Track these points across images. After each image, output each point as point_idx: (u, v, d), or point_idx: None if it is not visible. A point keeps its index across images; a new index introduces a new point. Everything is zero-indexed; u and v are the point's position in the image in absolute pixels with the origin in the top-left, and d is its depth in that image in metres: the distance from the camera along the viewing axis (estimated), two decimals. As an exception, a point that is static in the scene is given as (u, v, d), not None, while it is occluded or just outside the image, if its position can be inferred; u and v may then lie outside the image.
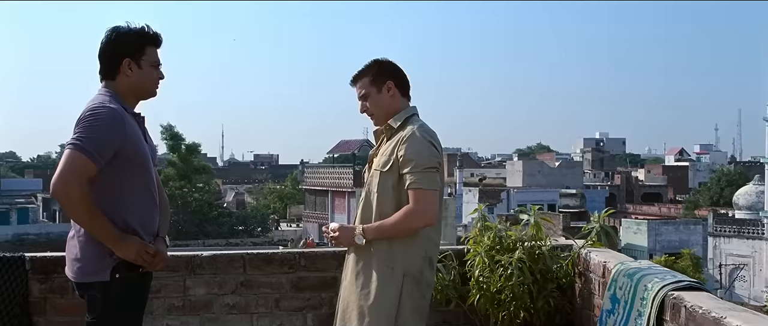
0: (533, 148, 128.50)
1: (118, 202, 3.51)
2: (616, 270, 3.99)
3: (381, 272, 3.74)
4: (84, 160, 3.36)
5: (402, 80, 4.00)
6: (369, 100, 3.96)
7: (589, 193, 68.68)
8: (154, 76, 3.68)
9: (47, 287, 4.73)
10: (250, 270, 4.94)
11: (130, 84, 3.61)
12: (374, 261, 3.77)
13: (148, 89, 3.69)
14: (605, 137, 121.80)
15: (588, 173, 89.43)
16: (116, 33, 3.61)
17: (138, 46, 3.60)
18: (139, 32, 3.62)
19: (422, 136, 3.78)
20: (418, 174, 3.72)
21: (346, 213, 58.35)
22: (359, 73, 4.01)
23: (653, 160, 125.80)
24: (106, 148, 3.41)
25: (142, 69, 3.61)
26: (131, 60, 3.58)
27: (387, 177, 3.82)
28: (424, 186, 3.72)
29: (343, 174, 60.26)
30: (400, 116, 3.92)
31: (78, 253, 3.56)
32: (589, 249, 4.77)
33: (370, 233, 3.78)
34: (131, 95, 3.65)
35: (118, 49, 3.59)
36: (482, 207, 5.14)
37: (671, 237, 46.77)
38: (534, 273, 4.74)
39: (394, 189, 3.80)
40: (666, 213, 64.83)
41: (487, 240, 4.89)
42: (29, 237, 58.48)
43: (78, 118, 3.49)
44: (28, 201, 66.60)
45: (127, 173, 3.53)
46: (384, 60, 4.02)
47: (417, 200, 3.72)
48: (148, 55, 3.63)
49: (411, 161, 3.73)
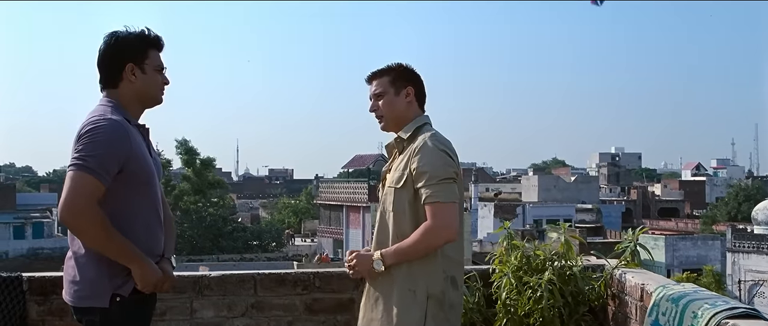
0: (548, 163, 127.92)
1: (121, 222, 3.26)
2: (658, 295, 3.68)
3: (402, 295, 3.48)
4: (91, 181, 3.15)
5: (421, 89, 3.79)
6: (383, 100, 3.73)
7: (605, 208, 68.29)
8: (159, 81, 3.46)
9: (45, 309, 4.46)
10: (262, 291, 4.65)
11: (134, 90, 3.40)
12: (395, 284, 3.51)
13: (153, 95, 3.47)
14: (621, 152, 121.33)
15: (604, 188, 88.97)
16: (116, 38, 3.39)
17: (140, 49, 3.39)
18: (140, 35, 3.41)
19: (435, 146, 3.54)
20: (434, 186, 3.47)
21: (361, 227, 58.19)
22: (379, 71, 3.78)
23: (669, 174, 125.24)
24: (111, 164, 3.20)
25: (146, 74, 3.40)
26: (134, 65, 3.37)
27: (402, 194, 3.57)
28: (441, 199, 3.46)
29: (358, 189, 60.10)
30: (410, 127, 3.69)
31: (76, 275, 3.32)
32: (624, 270, 4.45)
33: (388, 258, 3.52)
34: (136, 103, 3.44)
35: (120, 54, 3.37)
36: (508, 225, 4.85)
37: (689, 253, 46.35)
38: (565, 295, 4.43)
39: (410, 206, 3.55)
40: (683, 229, 64.28)
41: (514, 259, 4.59)
42: (44, 251, 58.60)
43: (78, 132, 3.27)
44: (43, 215, 66.71)
45: (131, 190, 3.31)
46: (409, 66, 3.79)
47: (435, 215, 3.46)
48: (152, 58, 3.41)
49: (425, 173, 3.48)
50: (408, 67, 3.77)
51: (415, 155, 3.53)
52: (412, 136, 3.66)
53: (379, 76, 3.76)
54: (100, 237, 3.18)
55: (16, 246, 58.74)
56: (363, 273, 3.63)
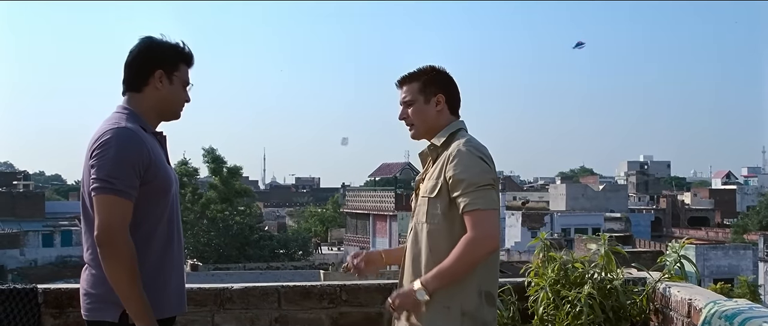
0: (576, 171, 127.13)
1: (137, 237, 3.12)
2: (710, 311, 3.43)
3: (436, 312, 3.26)
4: (122, 203, 3.05)
5: (453, 95, 3.57)
6: (413, 108, 3.53)
7: (634, 217, 67.75)
8: (183, 97, 3.38)
9: (61, 322, 4.29)
10: (286, 304, 4.46)
11: (157, 99, 3.29)
12: (428, 301, 3.26)
13: (174, 109, 3.38)
14: (649, 160, 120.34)
15: (632, 197, 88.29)
16: (151, 42, 3.31)
17: (173, 60, 3.32)
18: (175, 46, 3.34)
19: (471, 152, 3.33)
20: (472, 194, 3.25)
21: (388, 236, 58.08)
22: (409, 76, 3.56)
23: (699, 183, 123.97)
24: (134, 179, 3.09)
25: (172, 85, 3.31)
26: (164, 72, 3.28)
27: (436, 204, 3.36)
28: (481, 206, 3.24)
29: (385, 198, 60.03)
30: (444, 133, 3.48)
31: (89, 288, 3.20)
32: (668, 284, 4.22)
33: (431, 284, 3.25)
34: (155, 113, 3.33)
35: (152, 59, 3.29)
36: (544, 235, 4.62)
37: (720, 263, 45.76)
38: (605, 310, 4.20)
39: (444, 217, 3.33)
40: (714, 238, 63.58)
41: (551, 272, 4.37)
42: (73, 259, 58.95)
43: (94, 142, 3.14)
44: (71, 223, 67.18)
45: (149, 202, 3.18)
46: (440, 68, 3.57)
47: (476, 224, 3.23)
48: (181, 71, 3.34)
49: (462, 181, 3.27)
50: (439, 70, 3.57)
51: (450, 162, 3.33)
52: (445, 142, 3.46)
53: (409, 81, 3.56)
54: (123, 270, 3.04)
55: (45, 253, 59.16)
56: (409, 309, 3.32)
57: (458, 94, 3.60)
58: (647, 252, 32.22)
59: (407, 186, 64.39)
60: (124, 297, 3.05)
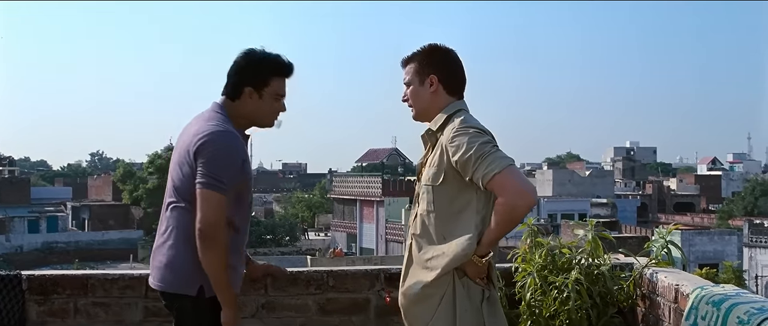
0: (563, 157, 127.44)
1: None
2: (696, 296, 3.43)
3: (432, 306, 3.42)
4: (223, 200, 3.33)
5: (451, 75, 3.51)
6: (410, 90, 3.52)
7: (620, 203, 68.04)
8: (274, 109, 3.59)
9: (46, 309, 4.24)
10: (273, 291, 4.42)
11: (248, 111, 3.54)
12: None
13: (263, 121, 3.61)
14: (636, 146, 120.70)
15: (619, 182, 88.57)
16: (248, 57, 3.53)
17: (263, 76, 3.52)
18: (266, 61, 3.53)
19: (464, 129, 3.31)
20: (481, 165, 3.22)
21: (375, 221, 58.08)
22: (411, 56, 3.55)
23: (685, 169, 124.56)
24: (236, 179, 3.40)
25: (262, 100, 3.53)
26: (253, 89, 3.50)
27: (442, 192, 3.37)
28: (495, 169, 3.20)
29: (372, 183, 59.98)
30: (440, 117, 3.45)
31: (169, 262, 3.46)
32: (655, 269, 4.21)
33: (484, 250, 3.34)
34: (246, 121, 3.58)
35: (244, 76, 3.52)
36: (532, 221, 4.60)
37: (706, 248, 46.03)
38: (593, 296, 4.19)
39: (451, 203, 3.35)
40: (699, 223, 63.89)
41: (539, 258, 4.35)
42: (58, 245, 58.85)
43: (199, 139, 3.37)
44: (57, 209, 66.96)
45: (235, 202, 3.46)
46: (439, 48, 3.53)
47: (500, 189, 3.22)
48: (272, 86, 3.53)
49: (468, 161, 3.25)
50: (437, 50, 3.52)
51: (450, 148, 3.32)
52: (442, 126, 3.43)
53: (409, 62, 3.55)
54: (220, 262, 3.33)
55: (31, 240, 59.02)
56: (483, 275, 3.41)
57: (458, 73, 3.55)
58: (633, 238, 32.39)
59: (394, 172, 64.42)
60: (217, 285, 3.35)
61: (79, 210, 71.47)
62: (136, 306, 4.28)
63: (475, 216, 3.35)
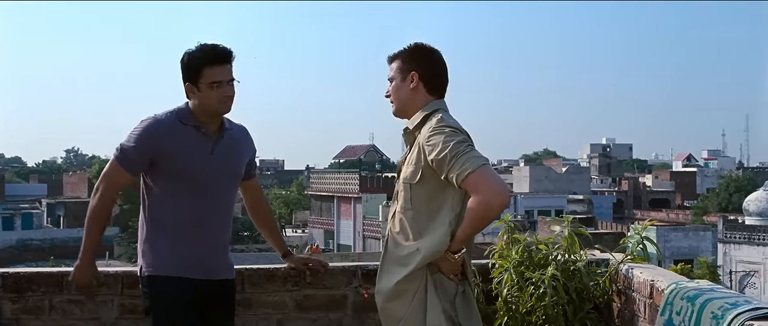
0: (540, 154, 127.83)
1: (153, 217, 3.74)
2: (671, 292, 3.46)
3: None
4: (114, 166, 3.71)
5: (432, 74, 3.55)
6: (392, 85, 3.57)
7: (596, 199, 68.35)
8: (213, 96, 3.70)
9: (20, 307, 4.21)
10: (250, 287, 4.42)
11: (197, 105, 3.73)
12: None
13: (211, 109, 3.73)
14: (612, 143, 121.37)
15: (595, 179, 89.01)
16: (181, 60, 3.73)
17: (195, 70, 3.69)
18: (195, 55, 3.71)
19: (440, 128, 3.34)
20: (456, 164, 3.26)
21: (352, 218, 58.02)
22: (397, 53, 3.60)
23: (660, 165, 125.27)
24: (136, 155, 3.66)
25: (201, 91, 3.69)
26: (191, 84, 3.70)
27: (419, 190, 3.41)
28: (469, 168, 3.23)
29: (349, 180, 59.93)
30: (418, 116, 3.49)
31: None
32: (630, 265, 4.24)
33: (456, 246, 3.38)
34: (202, 113, 3.74)
35: (183, 76, 3.73)
36: (508, 217, 4.62)
37: (681, 244, 46.36)
38: (569, 291, 4.22)
39: (428, 202, 3.39)
40: (674, 219, 64.32)
41: (515, 254, 4.37)
42: (33, 242, 58.27)
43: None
44: (32, 206, 66.34)
45: (165, 188, 3.72)
46: (424, 47, 3.57)
47: (474, 188, 3.24)
48: (206, 76, 3.67)
49: (443, 160, 3.28)
50: (420, 48, 3.56)
51: (426, 147, 3.35)
52: (419, 125, 3.47)
53: (394, 58, 3.60)
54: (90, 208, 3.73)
55: (6, 237, 58.37)
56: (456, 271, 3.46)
57: (440, 73, 3.58)
58: (609, 234, 32.62)
59: (371, 169, 64.40)
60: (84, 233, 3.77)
61: (55, 207, 70.88)
62: (112, 304, 4.26)
63: (450, 214, 3.38)
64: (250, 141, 4.03)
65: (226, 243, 3.96)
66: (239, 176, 3.95)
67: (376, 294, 3.58)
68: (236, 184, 3.96)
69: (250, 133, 4.05)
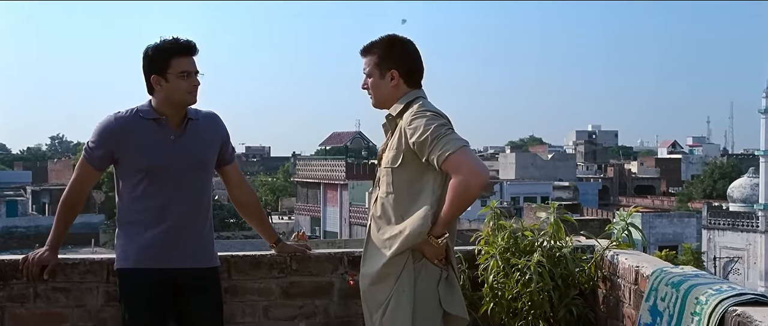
0: (526, 141, 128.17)
1: (123, 211, 3.89)
2: (656, 278, 3.47)
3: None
4: (82, 162, 3.90)
5: (411, 68, 3.63)
6: (371, 81, 3.63)
7: (582, 186, 68.69)
8: (182, 86, 3.77)
9: (5, 294, 4.17)
10: (236, 274, 4.41)
11: (163, 97, 3.79)
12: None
13: (179, 99, 3.80)
14: (598, 129, 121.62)
15: (581, 165, 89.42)
16: (144, 53, 3.80)
17: (162, 61, 3.75)
18: (162, 47, 3.77)
19: (421, 112, 3.43)
20: (437, 145, 3.34)
21: (338, 205, 58.05)
22: (370, 46, 3.64)
23: (646, 152, 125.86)
24: (98, 151, 3.83)
25: (169, 82, 3.75)
26: (158, 76, 3.75)
27: (400, 174, 3.47)
28: (450, 150, 3.31)
29: (336, 167, 59.95)
30: (399, 103, 3.56)
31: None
32: (616, 251, 4.25)
33: (439, 230, 3.44)
34: (169, 106, 3.81)
35: (146, 68, 3.81)
36: (495, 204, 4.63)
37: (665, 230, 46.63)
38: (554, 278, 4.23)
39: (409, 185, 3.45)
40: (659, 206, 64.68)
41: (501, 240, 4.38)
42: (18, 230, 58.01)
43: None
44: (17, 193, 66.03)
45: (127, 183, 3.84)
46: (398, 41, 3.63)
47: (454, 169, 3.33)
48: (173, 66, 3.74)
49: (424, 142, 3.36)
50: (397, 43, 3.63)
51: (408, 130, 3.42)
52: (401, 112, 3.54)
53: (368, 52, 3.64)
54: (59, 201, 3.97)
55: (-10, 224, 58.04)
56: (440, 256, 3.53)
57: (418, 65, 3.66)
58: (595, 220, 32.64)
59: (358, 156, 64.38)
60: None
61: (39, 195, 70.51)
62: (97, 291, 4.24)
63: (431, 197, 3.45)
64: (219, 126, 4.02)
65: (198, 231, 3.94)
66: (208, 163, 3.95)
67: (360, 278, 3.62)
68: (205, 172, 3.95)
69: (219, 118, 4.05)
